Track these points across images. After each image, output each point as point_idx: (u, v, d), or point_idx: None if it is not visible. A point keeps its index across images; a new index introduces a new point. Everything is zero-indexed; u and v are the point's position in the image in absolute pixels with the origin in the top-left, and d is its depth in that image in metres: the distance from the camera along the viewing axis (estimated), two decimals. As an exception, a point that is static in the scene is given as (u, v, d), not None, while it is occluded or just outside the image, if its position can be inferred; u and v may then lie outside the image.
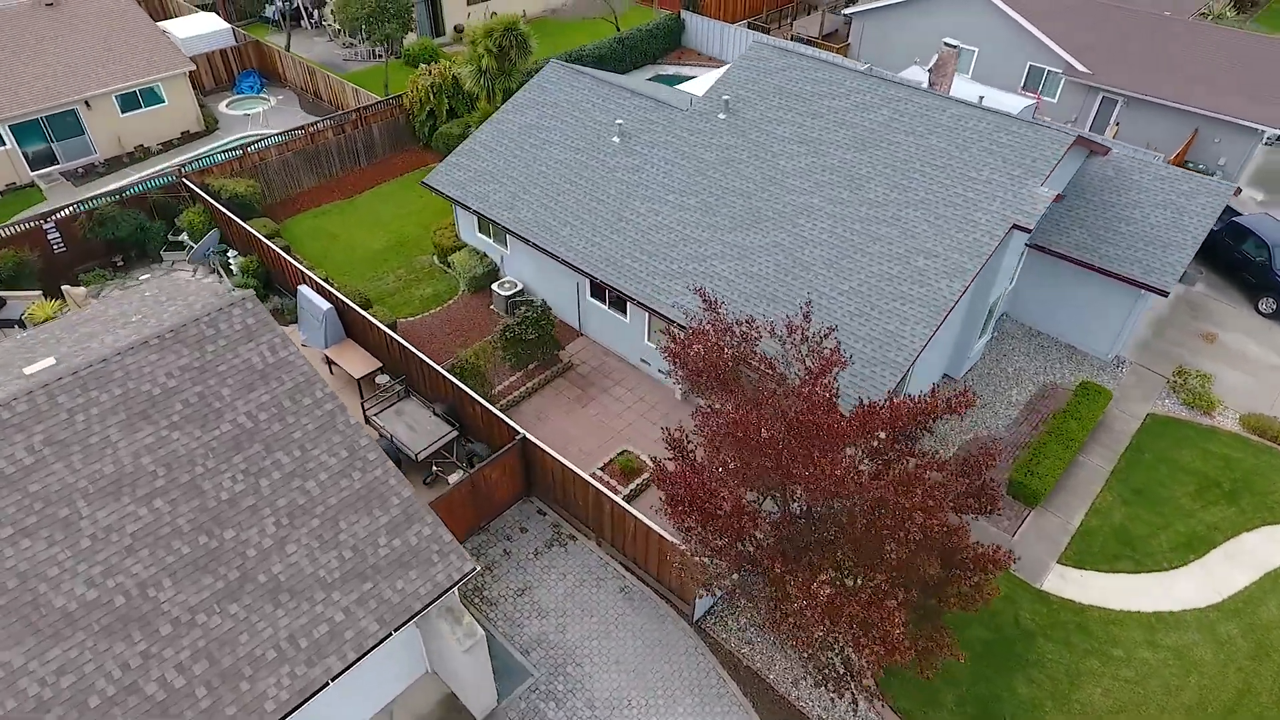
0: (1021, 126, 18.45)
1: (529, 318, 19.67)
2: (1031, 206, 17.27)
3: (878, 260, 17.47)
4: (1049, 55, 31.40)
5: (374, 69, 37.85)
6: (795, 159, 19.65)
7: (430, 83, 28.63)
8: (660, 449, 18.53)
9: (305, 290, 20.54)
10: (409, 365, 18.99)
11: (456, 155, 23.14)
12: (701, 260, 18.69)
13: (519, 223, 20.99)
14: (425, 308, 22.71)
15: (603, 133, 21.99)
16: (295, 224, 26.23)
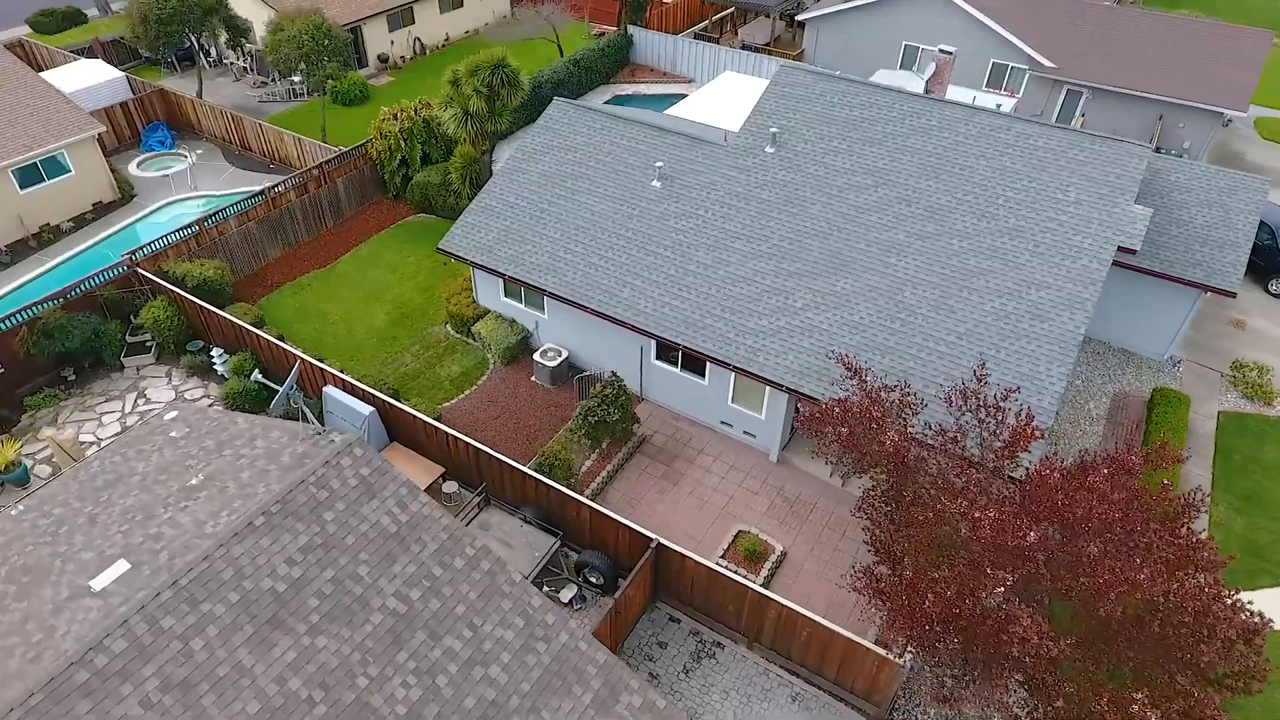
0: (1094, 142, 17.99)
1: (608, 395, 17.64)
2: (1131, 226, 16.79)
3: (987, 297, 16.54)
4: (1013, 51, 31.72)
5: (299, 110, 34.17)
6: (864, 192, 18.49)
7: (400, 128, 25.71)
8: (770, 521, 17.03)
9: (334, 392, 17.68)
10: (478, 466, 16.59)
11: (472, 215, 20.64)
12: (793, 313, 17.22)
13: (567, 287, 18.84)
14: (459, 389, 20.16)
15: (637, 176, 20.10)
16: (275, 304, 22.87)
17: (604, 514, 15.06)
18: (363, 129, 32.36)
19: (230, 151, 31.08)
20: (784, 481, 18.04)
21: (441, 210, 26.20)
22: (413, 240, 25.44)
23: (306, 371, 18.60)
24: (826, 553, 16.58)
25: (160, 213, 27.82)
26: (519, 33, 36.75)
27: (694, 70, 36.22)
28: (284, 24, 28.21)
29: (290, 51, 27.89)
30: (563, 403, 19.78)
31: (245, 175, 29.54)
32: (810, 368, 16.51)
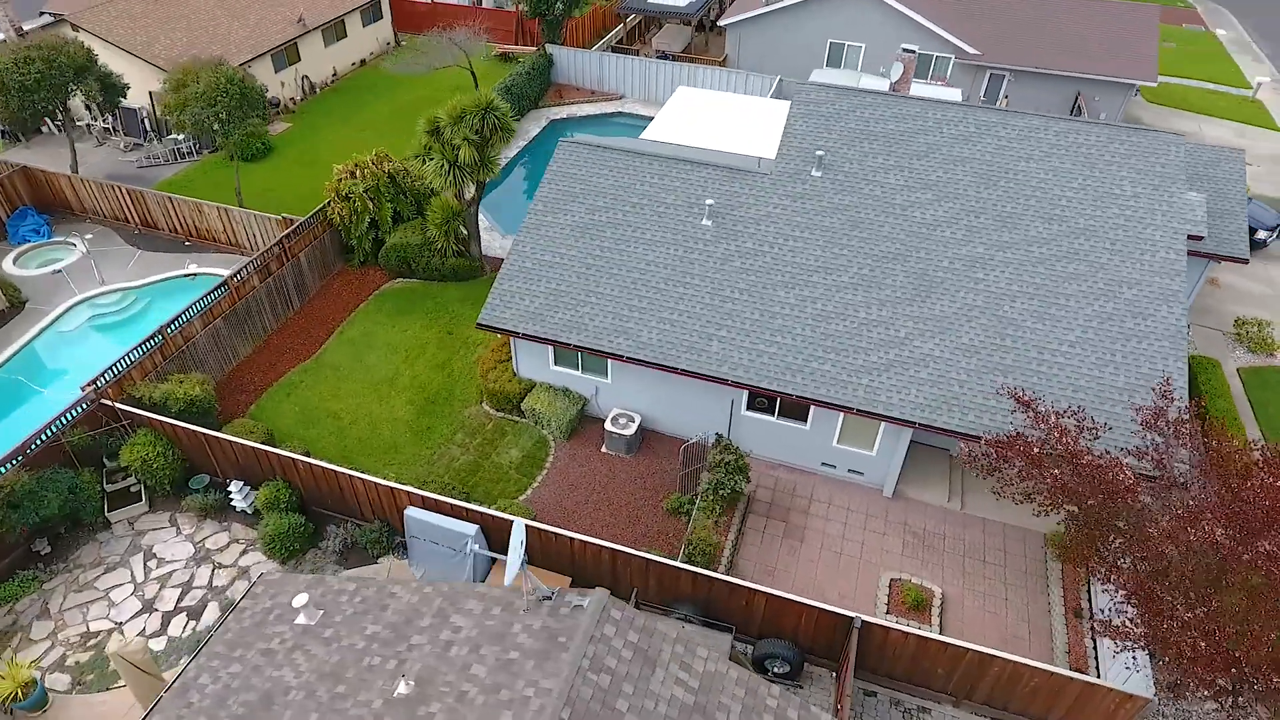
0: (1131, 134, 18.53)
1: (730, 462, 16.26)
2: (1193, 213, 17.42)
3: (1084, 301, 16.61)
4: (938, 41, 32.73)
5: (190, 172, 29.89)
6: (928, 208, 18.11)
7: (366, 187, 22.72)
8: (911, 561, 16.32)
9: (419, 515, 15.17)
10: (614, 569, 14.78)
11: (507, 281, 18.43)
12: (900, 344, 16.57)
13: (646, 349, 17.21)
14: (528, 477, 18.03)
15: (682, 216, 18.72)
16: (269, 411, 19.53)
17: (783, 598, 13.77)
18: (275, 186, 28.76)
19: (127, 231, 26.52)
20: (905, 515, 17.44)
21: (424, 273, 23.49)
22: (401, 312, 22.63)
23: (373, 495, 15.88)
24: (979, 584, 16.14)
25: (69, 317, 23.23)
26: (420, 62, 33.79)
27: (622, 85, 34.89)
28: (187, 79, 24.18)
29: (201, 110, 23.92)
30: (647, 472, 18.17)
31: (158, 258, 25.29)
32: (936, 399, 15.93)
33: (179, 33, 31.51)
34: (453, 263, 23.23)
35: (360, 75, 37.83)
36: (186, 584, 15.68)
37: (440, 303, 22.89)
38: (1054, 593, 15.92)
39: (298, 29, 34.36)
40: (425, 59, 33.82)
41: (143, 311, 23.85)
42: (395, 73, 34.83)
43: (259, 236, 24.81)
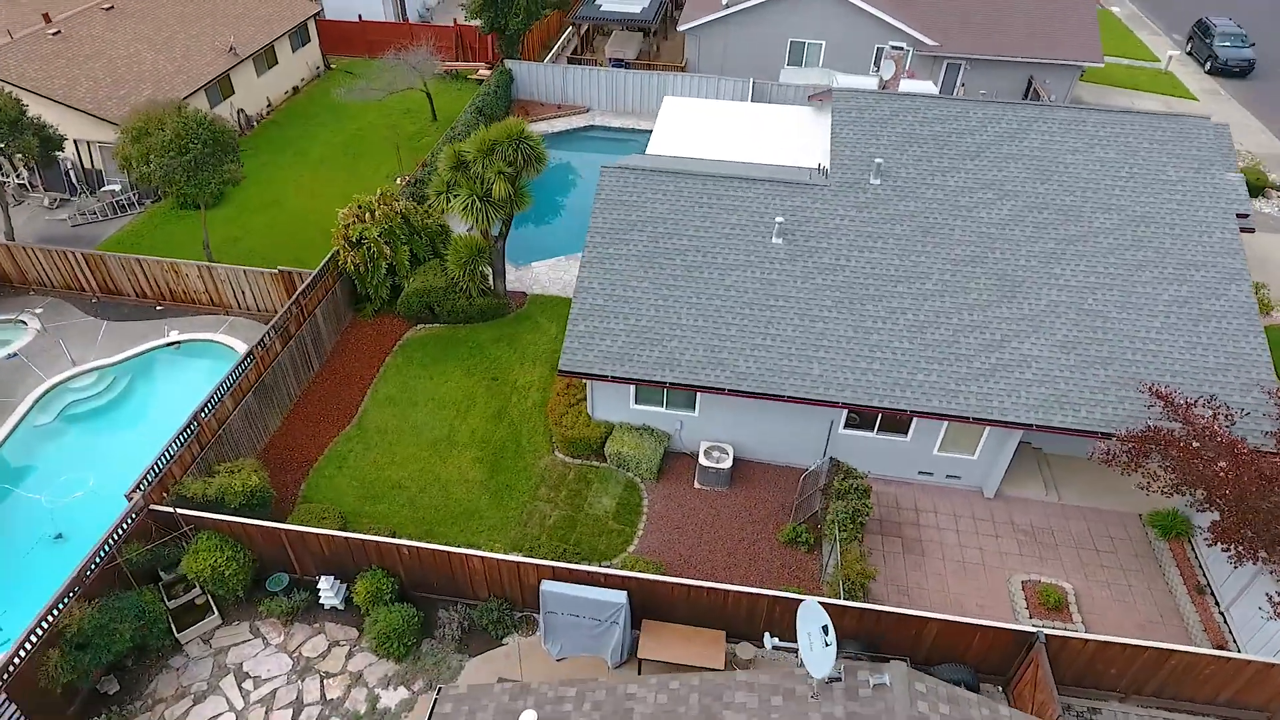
0: (1165, 120, 19.26)
1: (856, 487, 15.86)
2: (1236, 193, 18.27)
3: (1159, 286, 17.13)
4: (896, 34, 33.36)
5: (138, 226, 27.10)
6: (992, 208, 18.26)
7: (380, 230, 20.91)
8: (1031, 559, 16.46)
9: (556, 588, 14.00)
10: (770, 615, 14.12)
11: (581, 321, 17.33)
12: (999, 347, 16.61)
13: (747, 379, 16.56)
14: (629, 525, 17.06)
15: (750, 236, 18.15)
16: (324, 489, 17.67)
17: (959, 623, 13.52)
18: (241, 235, 26.35)
19: (83, 301, 23.56)
20: (1009, 514, 17.57)
21: (448, 316, 21.91)
22: (435, 361, 21.03)
23: (492, 573, 14.54)
24: (1098, 574, 16.42)
25: (41, 408, 20.36)
26: (375, 87, 31.65)
27: (587, 97, 33.86)
28: (150, 126, 21.56)
29: (171, 159, 21.37)
30: (748, 504, 17.56)
31: (128, 328, 22.59)
32: (1046, 399, 16.06)
33: (100, 72, 28.25)
34: (480, 303, 21.78)
35: (296, 105, 35.15)
36: (296, 702, 13.92)
37: (474, 347, 21.43)
38: (1170, 573, 16.39)
39: (229, 59, 31.53)
40: (381, 81, 31.76)
41: (126, 392, 21.23)
42: (349, 100, 32.49)
43: (250, 294, 22.55)
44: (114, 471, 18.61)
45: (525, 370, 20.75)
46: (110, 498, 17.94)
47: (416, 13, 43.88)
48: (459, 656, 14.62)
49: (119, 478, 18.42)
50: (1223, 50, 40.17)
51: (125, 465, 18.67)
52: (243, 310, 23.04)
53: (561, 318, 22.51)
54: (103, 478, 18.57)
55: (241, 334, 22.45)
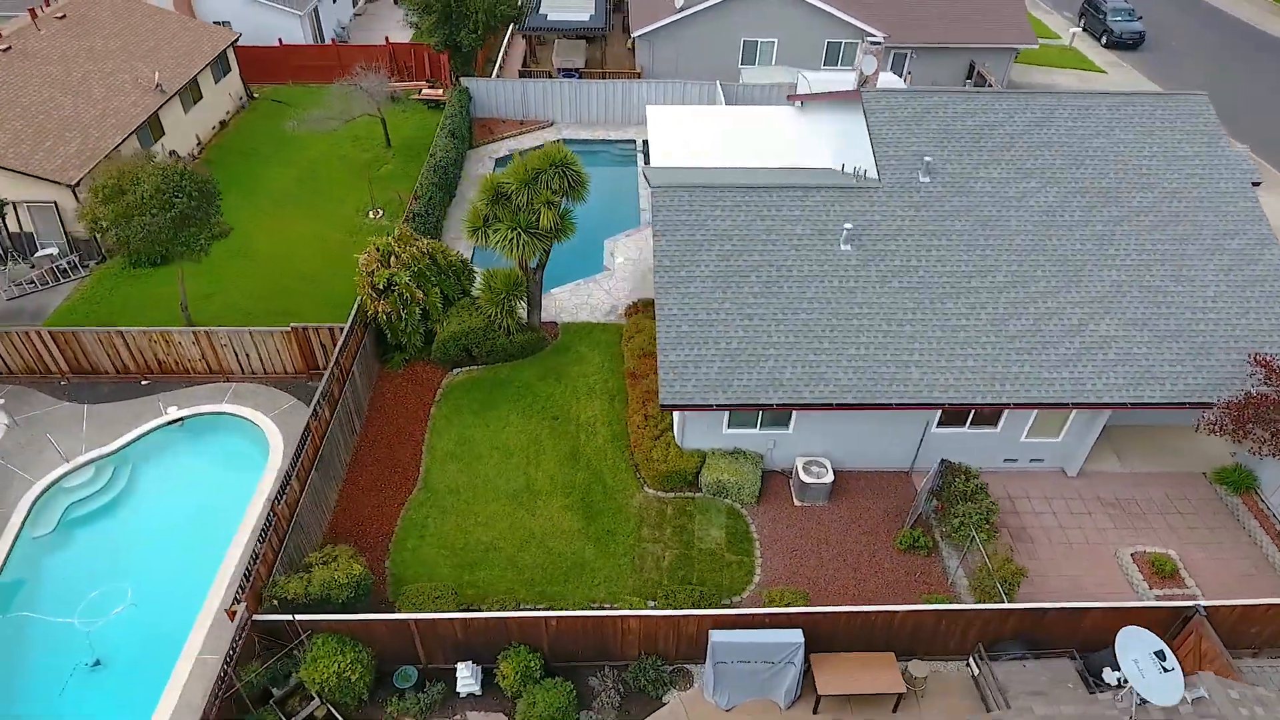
0: (1166, 99, 20.36)
1: (978, 486, 15.95)
2: (1245, 163, 19.56)
3: (1203, 258, 18.10)
4: (846, 28, 34.05)
5: (87, 292, 24.27)
6: (1039, 195, 18.80)
7: (411, 273, 19.35)
8: (1126, 530, 17.12)
9: (727, 637, 13.36)
10: (937, 631, 14.03)
11: (672, 352, 16.60)
12: (1079, 332, 17.12)
13: (852, 390, 16.35)
14: (745, 555, 16.56)
15: (818, 244, 17.96)
16: (413, 562, 16.20)
17: (1116, 608, 13.85)
18: (213, 290, 23.93)
19: (49, 385, 20.74)
20: (1093, 489, 18.21)
21: (488, 357, 20.61)
22: (486, 407, 19.72)
23: (649, 631, 13.70)
24: (1188, 535, 17.24)
25: (36, 516, 17.76)
26: (331, 116, 29.33)
27: (549, 110, 32.76)
28: (124, 182, 19.08)
29: (154, 217, 18.99)
30: (854, 515, 17.41)
31: (114, 410, 20.11)
32: (1132, 377, 16.70)
33: (17, 124, 24.90)
34: (519, 339, 20.61)
35: (228, 141, 32.27)
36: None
37: (521, 387, 20.26)
38: (1249, 525, 17.43)
39: (156, 96, 28.53)
40: (334, 109, 29.59)
41: (132, 483, 18.84)
42: (300, 131, 30.05)
43: (256, 357, 20.49)
44: (146, 578, 16.60)
45: (584, 405, 19.79)
46: (152, 609, 16.04)
47: (333, 32, 41.27)
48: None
49: (154, 585, 16.51)
50: (1116, 24, 43.36)
51: (154, 569, 16.79)
52: (247, 374, 20.91)
53: (602, 345, 21.65)
54: (137, 587, 16.43)
55: (251, 401, 20.37)
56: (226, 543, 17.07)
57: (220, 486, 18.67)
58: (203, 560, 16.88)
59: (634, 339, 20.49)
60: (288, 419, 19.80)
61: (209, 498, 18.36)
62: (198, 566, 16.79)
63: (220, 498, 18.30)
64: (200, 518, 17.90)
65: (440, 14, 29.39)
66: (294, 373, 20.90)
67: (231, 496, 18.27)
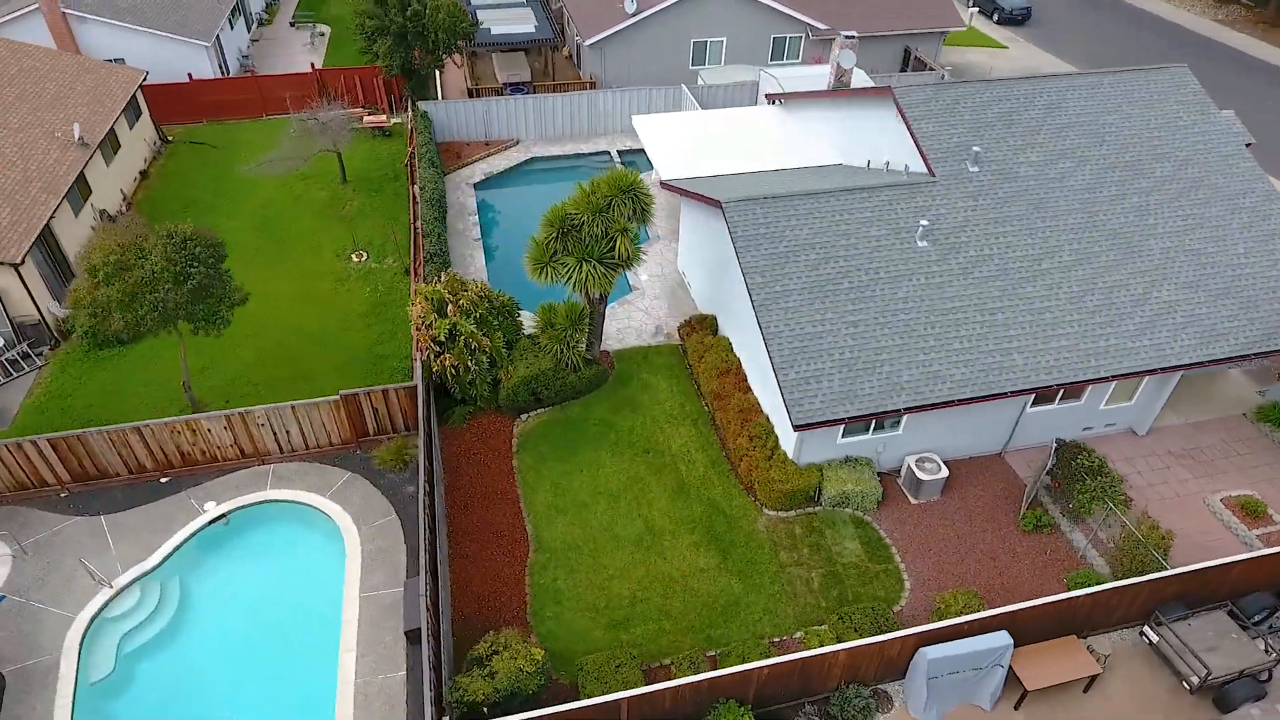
0: (1154, 73, 21.74)
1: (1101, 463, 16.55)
2: (1236, 125, 21.31)
3: (1226, 218, 19.53)
4: (791, 23, 34.57)
5: (54, 387, 21.27)
6: (1074, 175, 19.69)
7: (473, 319, 17.89)
8: (1205, 480, 18.31)
9: (938, 650, 13.23)
10: (1109, 606, 14.48)
11: (788, 370, 16.21)
12: (1146, 300, 18.10)
13: (969, 384, 16.57)
14: (887, 562, 16.49)
15: (895, 244, 18.06)
16: (558, 630, 15.05)
17: (1254, 557, 14.77)
18: (203, 363, 21.16)
19: (47, 499, 17.88)
20: (1163, 444, 19.35)
21: (555, 397, 19.47)
22: (568, 450, 18.61)
23: (857, 661, 13.33)
24: (1254, 474, 18.60)
25: (89, 659, 15.26)
26: (290, 156, 26.67)
27: (512, 129, 31.37)
28: (128, 256, 16.54)
29: (168, 292, 16.60)
30: (972, 505, 17.73)
31: (139, 515, 17.68)
32: (1202, 336, 17.85)
33: (-73, 197, 21.20)
34: (587, 374, 19.59)
35: (154, 192, 28.90)
36: None
37: (600, 424, 19.28)
38: (1300, 456, 19.11)
39: (80, 151, 25.13)
40: (294, 147, 27.11)
41: (187, 600, 16.57)
42: (257, 174, 27.27)
43: (298, 433, 18.48)
44: (247, 706, 14.68)
45: (670, 434, 19.08)
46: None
47: (237, 62, 37.79)
48: (848, 760, 13.35)
49: (262, 713, 14.60)
50: (1005, 1, 46.43)
51: (254, 693, 14.93)
52: (286, 453, 18.80)
53: (663, 369, 20.97)
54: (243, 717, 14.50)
55: (299, 482, 18.35)
56: (334, 648, 15.29)
57: (296, 583, 16.72)
58: (312, 672, 15.05)
59: (705, 358, 19.93)
60: (348, 495, 17.98)
61: (288, 598, 16.39)
62: (309, 681, 14.96)
63: (302, 596, 16.39)
64: (287, 624, 15.95)
65: (396, 36, 27.41)
66: (340, 444, 18.97)
67: (314, 593, 16.42)
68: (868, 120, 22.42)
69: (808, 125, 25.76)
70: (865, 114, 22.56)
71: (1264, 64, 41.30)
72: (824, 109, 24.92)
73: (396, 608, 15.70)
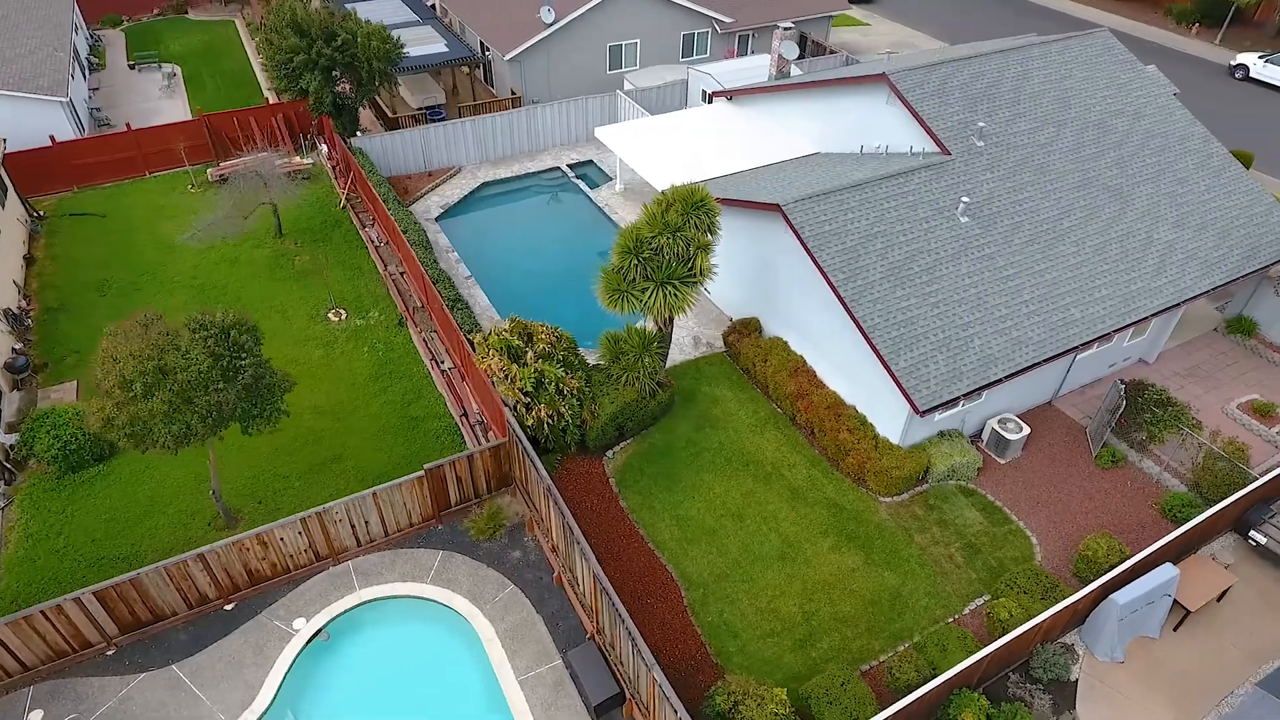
0: (1085, 38, 23.98)
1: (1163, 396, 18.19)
2: (1162, 78, 23.96)
3: (1183, 158, 22.01)
4: (699, 19, 34.95)
5: (30, 523, 18.00)
6: (1059, 138, 21.34)
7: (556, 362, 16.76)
8: (1224, 387, 20.64)
9: (1125, 593, 14.13)
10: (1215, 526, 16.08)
11: (897, 359, 16.52)
12: (1150, 244, 20.04)
13: (1047, 344, 17.68)
14: (1007, 523, 17.31)
15: (942, 224, 18.83)
16: (758, 667, 14.54)
17: (1315, 449, 16.96)
18: (203, 471, 18.72)
19: (96, 660, 15.01)
20: (1171, 366, 21.55)
21: (637, 427, 18.71)
22: (669, 481, 17.95)
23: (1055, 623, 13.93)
24: (1251, 377, 21.19)
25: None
26: (226, 220, 23.35)
27: (453, 156, 29.62)
28: (167, 360, 13.91)
29: (223, 393, 14.23)
30: (1051, 451, 18.99)
31: (219, 655, 15.31)
32: (1202, 267, 20.06)
33: None
34: (662, 398, 18.98)
35: (52, 278, 24.76)
36: None
37: (689, 446, 18.77)
38: (1272, 357, 21.96)
39: (-30, 243, 21.00)
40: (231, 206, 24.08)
41: (319, 732, 14.52)
42: (196, 243, 23.91)
43: (379, 521, 16.69)
44: None
45: (760, 442, 18.94)
46: None
47: (89, 118, 32.89)
48: (1069, 716, 13.97)
49: None
50: (853, -19, 49.46)
51: None
52: (365, 545, 16.86)
53: (721, 379, 20.74)
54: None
55: (392, 572, 16.58)
56: (514, 743, 13.97)
57: (438, 686, 15.07)
58: (504, 777, 13.67)
59: (769, 361, 19.89)
60: (452, 576, 16.45)
61: (436, 705, 14.76)
62: (504, 787, 13.58)
63: (451, 700, 14.83)
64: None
65: (324, 70, 24.95)
66: (420, 522, 17.26)
67: (464, 692, 14.92)
68: (851, 108, 23.11)
69: (776, 118, 26.17)
70: (847, 102, 23.23)
71: (1080, 21, 46.70)
72: (793, 100, 25.34)
73: (564, 684, 14.58)
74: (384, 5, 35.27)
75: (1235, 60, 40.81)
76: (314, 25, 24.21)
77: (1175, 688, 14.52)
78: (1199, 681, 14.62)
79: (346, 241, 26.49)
